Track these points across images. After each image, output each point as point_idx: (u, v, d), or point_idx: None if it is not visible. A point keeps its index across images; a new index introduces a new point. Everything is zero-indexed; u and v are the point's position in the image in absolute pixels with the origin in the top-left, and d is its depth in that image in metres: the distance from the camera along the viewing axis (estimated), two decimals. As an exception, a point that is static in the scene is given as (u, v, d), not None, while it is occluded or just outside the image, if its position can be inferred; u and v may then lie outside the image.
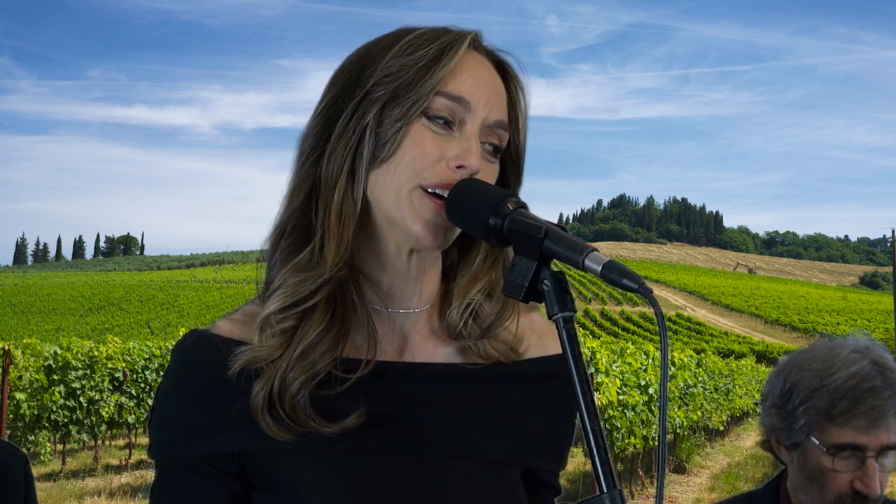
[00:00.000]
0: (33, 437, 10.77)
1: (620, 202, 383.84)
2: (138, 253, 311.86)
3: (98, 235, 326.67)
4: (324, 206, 0.96)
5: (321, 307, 0.95)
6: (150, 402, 12.50)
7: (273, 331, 0.94)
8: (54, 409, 10.87)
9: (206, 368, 0.96)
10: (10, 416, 10.40)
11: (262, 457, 0.94)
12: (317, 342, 0.93)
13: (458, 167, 0.93)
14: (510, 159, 1.04)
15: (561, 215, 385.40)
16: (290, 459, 0.93)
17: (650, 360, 11.63)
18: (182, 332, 12.93)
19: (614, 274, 0.80)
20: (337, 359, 0.94)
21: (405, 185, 0.94)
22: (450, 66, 0.94)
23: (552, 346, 1.09)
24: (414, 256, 1.01)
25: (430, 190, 0.93)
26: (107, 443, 14.38)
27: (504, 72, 1.02)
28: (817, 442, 1.55)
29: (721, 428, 17.75)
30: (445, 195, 0.93)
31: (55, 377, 11.01)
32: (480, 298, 1.05)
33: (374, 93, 0.95)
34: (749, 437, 19.80)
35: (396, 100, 0.94)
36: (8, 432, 10.27)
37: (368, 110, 0.95)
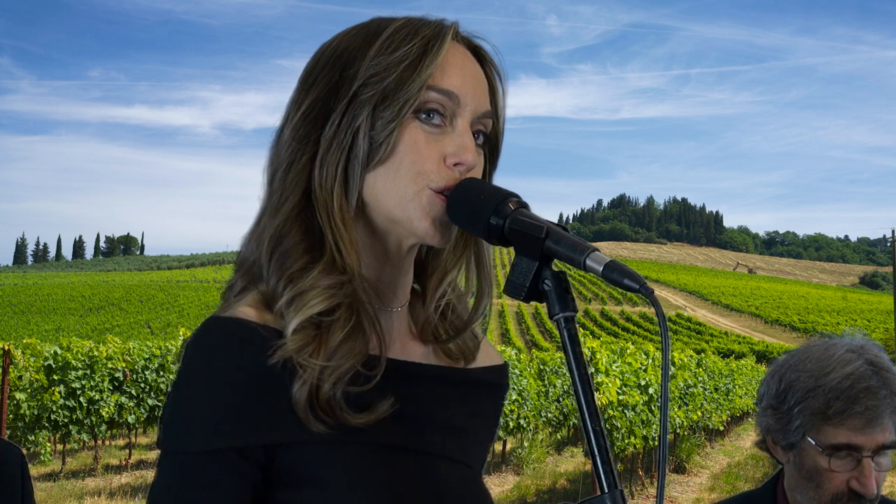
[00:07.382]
0: (33, 437, 10.77)
1: (620, 202, 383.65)
2: (138, 253, 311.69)
3: (98, 235, 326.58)
4: (325, 213, 0.95)
5: (345, 309, 0.93)
6: (150, 402, 12.48)
7: (308, 331, 0.91)
8: (54, 409, 10.87)
9: (247, 356, 0.88)
10: (10, 416, 10.41)
11: (293, 449, 0.90)
12: (344, 343, 0.91)
13: (456, 164, 0.93)
14: (489, 144, 1.03)
15: (561, 215, 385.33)
16: (320, 451, 0.90)
17: (650, 360, 11.62)
18: (182, 331, 12.83)
19: (616, 274, 0.80)
20: (364, 356, 0.92)
21: (410, 187, 0.93)
22: (437, 62, 0.93)
23: (495, 357, 1.14)
24: (410, 254, 1.01)
25: (437, 191, 0.93)
26: (107, 443, 14.39)
27: (481, 58, 1.01)
28: (813, 442, 1.55)
29: (721, 428, 17.75)
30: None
31: (55, 377, 11.01)
32: (452, 295, 1.07)
33: (363, 94, 0.93)
34: (749, 437, 19.78)
35: (386, 100, 0.92)
36: (8, 432, 10.28)
37: (359, 112, 0.93)
